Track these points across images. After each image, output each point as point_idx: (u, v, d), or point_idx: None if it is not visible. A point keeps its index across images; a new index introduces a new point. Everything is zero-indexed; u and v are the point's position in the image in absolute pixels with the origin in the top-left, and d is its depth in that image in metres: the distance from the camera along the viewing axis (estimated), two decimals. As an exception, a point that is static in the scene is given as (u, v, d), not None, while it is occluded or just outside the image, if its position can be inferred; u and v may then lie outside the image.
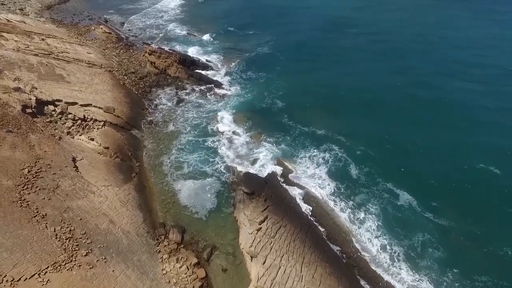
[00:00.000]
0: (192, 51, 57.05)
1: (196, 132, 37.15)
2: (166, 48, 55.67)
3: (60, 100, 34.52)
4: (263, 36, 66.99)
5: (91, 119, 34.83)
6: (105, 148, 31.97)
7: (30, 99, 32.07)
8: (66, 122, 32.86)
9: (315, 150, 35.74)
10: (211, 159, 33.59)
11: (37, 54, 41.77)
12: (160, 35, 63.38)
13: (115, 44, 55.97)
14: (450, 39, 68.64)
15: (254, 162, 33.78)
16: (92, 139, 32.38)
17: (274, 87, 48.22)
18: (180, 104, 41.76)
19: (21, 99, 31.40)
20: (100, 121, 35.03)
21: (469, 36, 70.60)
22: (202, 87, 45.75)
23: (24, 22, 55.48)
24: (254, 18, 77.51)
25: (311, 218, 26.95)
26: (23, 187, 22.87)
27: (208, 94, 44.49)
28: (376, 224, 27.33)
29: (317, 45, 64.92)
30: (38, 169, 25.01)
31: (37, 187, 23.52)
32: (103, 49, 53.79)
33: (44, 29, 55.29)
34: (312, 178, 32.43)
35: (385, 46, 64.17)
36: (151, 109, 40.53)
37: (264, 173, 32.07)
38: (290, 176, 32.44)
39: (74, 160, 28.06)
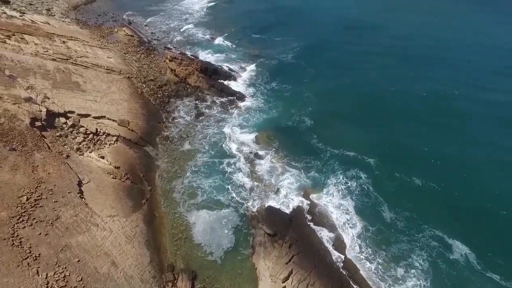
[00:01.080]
0: (215, 58, 53.81)
1: (213, 152, 33.64)
2: (189, 54, 52.81)
3: (72, 112, 32.07)
4: (289, 42, 62.94)
5: (104, 133, 32.14)
6: (115, 167, 29.11)
7: (41, 111, 29.72)
8: (77, 137, 30.30)
9: (342, 176, 31.58)
10: (227, 186, 29.88)
11: (55, 59, 39.82)
12: (183, 39, 60.63)
13: (137, 48, 53.69)
14: (477, 45, 64.36)
15: (277, 191, 29.79)
16: (103, 157, 29.62)
17: (302, 101, 44.05)
18: (199, 118, 38.42)
19: (31, 111, 29.09)
20: (113, 136, 32.29)
21: (496, 42, 66.01)
22: (224, 99, 42.24)
23: (48, 23, 54.36)
24: (279, 23, 73.63)
25: (343, 271, 22.65)
26: (18, 220, 20.16)
27: (229, 107, 40.91)
28: (423, 284, 22.60)
29: (345, 51, 60.81)
30: (38, 195, 22.31)
31: (34, 219, 20.76)
32: (124, 53, 51.63)
33: (67, 31, 53.90)
34: (338, 210, 28.28)
35: (416, 53, 60.35)
36: (168, 122, 37.47)
37: (288, 207, 28.10)
38: (318, 210, 28.25)
39: (80, 183, 25.27)
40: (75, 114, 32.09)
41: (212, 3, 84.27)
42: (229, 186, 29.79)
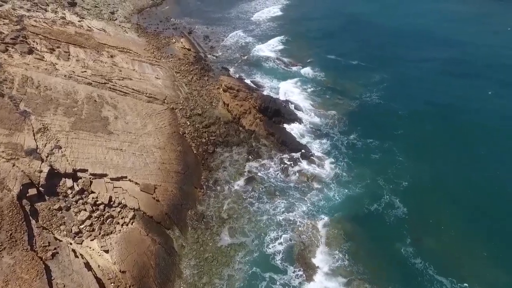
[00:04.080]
0: (277, 87, 41.66)
1: (257, 254, 21.78)
2: (248, 81, 41.55)
3: (85, 170, 22.98)
4: (372, 70, 47.55)
5: (119, 204, 22.51)
6: (120, 272, 19.20)
7: (41, 171, 21.00)
8: (81, 211, 21.08)
9: None
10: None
11: (91, 83, 31.74)
12: (244, 57, 49.53)
13: (190, 66, 44.05)
14: None
15: None
16: (107, 251, 19.92)
17: (393, 169, 29.91)
18: (249, 185, 26.90)
19: (28, 172, 20.49)
20: (130, 210, 22.48)
21: None
22: (285, 156, 30.01)
23: (104, 31, 47.79)
24: (359, 40, 57.83)
25: None
26: None
27: (292, 172, 28.49)
28: None
29: (447, 85, 43.76)
30: None
31: None
32: (176, 72, 42.38)
33: (121, 40, 46.66)
34: None
35: None
36: (207, 186, 26.71)
37: None
38: None
39: (54, 316, 15.68)
40: (88, 173, 22.94)
41: (280, 13, 71.60)
42: None
